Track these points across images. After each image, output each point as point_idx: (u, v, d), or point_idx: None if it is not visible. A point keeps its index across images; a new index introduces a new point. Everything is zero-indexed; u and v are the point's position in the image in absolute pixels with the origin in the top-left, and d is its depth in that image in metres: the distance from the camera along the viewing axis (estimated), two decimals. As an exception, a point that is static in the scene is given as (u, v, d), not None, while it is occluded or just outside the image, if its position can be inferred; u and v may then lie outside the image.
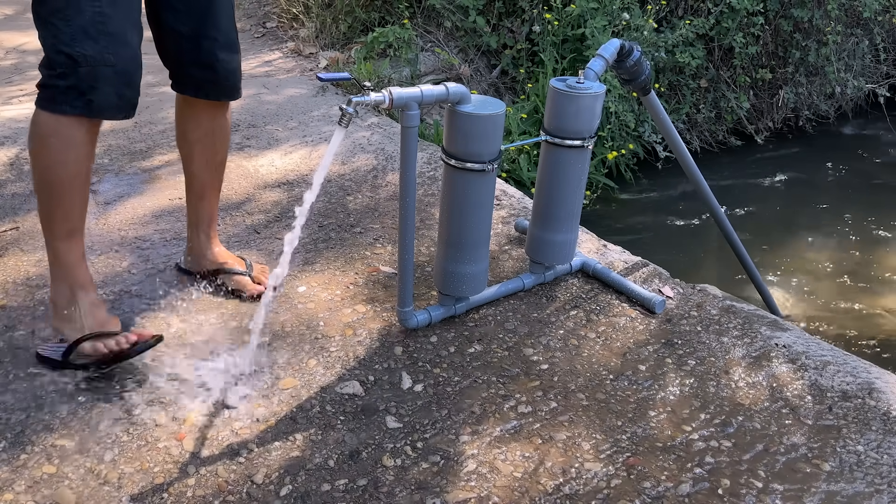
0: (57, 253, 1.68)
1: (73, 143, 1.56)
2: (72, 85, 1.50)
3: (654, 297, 1.98)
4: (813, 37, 4.91)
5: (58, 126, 1.55)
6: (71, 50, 1.48)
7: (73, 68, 1.49)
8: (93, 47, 1.49)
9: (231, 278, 1.97)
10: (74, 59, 1.48)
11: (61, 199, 1.62)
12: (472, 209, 1.80)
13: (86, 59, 1.49)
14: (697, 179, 2.46)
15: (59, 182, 1.60)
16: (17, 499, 1.38)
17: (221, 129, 1.88)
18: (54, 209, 1.64)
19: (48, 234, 1.68)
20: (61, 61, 1.49)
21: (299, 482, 1.44)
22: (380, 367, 1.75)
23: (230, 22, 1.78)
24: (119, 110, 1.57)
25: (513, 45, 4.45)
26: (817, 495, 1.42)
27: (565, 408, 1.64)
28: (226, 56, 1.77)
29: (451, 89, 1.67)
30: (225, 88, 1.81)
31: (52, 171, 1.60)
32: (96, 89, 1.51)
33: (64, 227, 1.65)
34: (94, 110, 1.53)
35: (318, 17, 4.65)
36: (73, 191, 1.62)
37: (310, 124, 3.32)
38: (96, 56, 1.49)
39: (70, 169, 1.59)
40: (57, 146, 1.56)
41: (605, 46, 2.00)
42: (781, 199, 4.34)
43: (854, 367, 1.76)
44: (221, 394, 1.64)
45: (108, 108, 1.55)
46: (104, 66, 1.50)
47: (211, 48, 1.74)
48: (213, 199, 1.96)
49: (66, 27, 1.48)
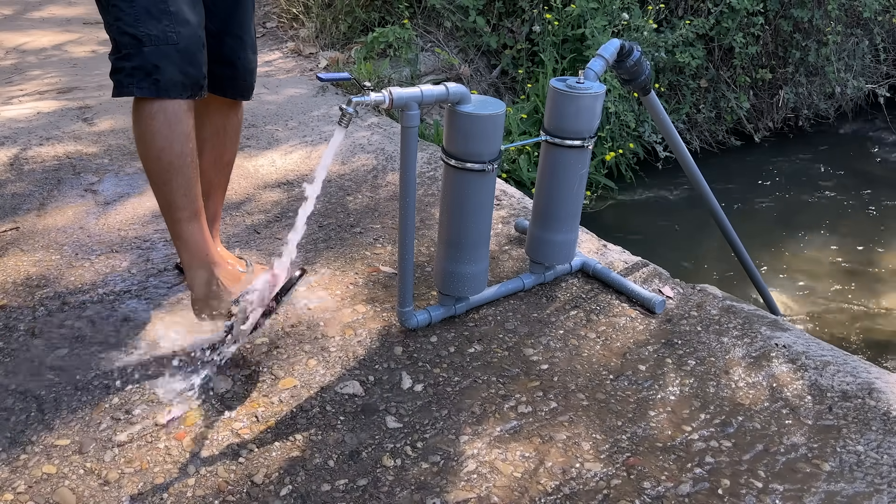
0: (184, 237, 1.65)
1: (178, 120, 1.56)
2: (138, 66, 1.51)
3: (654, 297, 1.98)
4: (813, 37, 4.91)
5: (153, 110, 1.54)
6: (135, 30, 1.49)
7: (139, 48, 1.50)
8: (156, 27, 1.50)
9: (231, 278, 1.97)
10: (139, 38, 1.50)
11: (172, 180, 1.59)
12: (472, 209, 1.80)
13: (150, 39, 1.50)
14: (697, 179, 2.46)
15: (167, 164, 1.58)
16: (17, 499, 1.38)
17: (232, 128, 1.90)
18: (172, 192, 1.61)
19: (170, 221, 1.65)
20: (126, 42, 1.50)
21: (299, 482, 1.44)
22: (380, 367, 1.75)
23: (252, 23, 1.82)
24: (185, 88, 1.56)
25: (513, 45, 4.45)
26: (817, 495, 1.42)
27: (565, 408, 1.64)
28: (247, 55, 1.81)
29: (451, 89, 1.67)
30: (241, 87, 1.84)
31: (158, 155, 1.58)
32: (161, 68, 1.51)
33: (187, 210, 1.63)
34: (162, 89, 1.53)
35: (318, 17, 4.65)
36: (185, 170, 1.60)
37: (310, 124, 3.32)
38: (160, 35, 1.50)
39: (176, 148, 1.57)
40: (158, 129, 1.55)
41: (605, 46, 2.00)
42: (781, 199, 4.34)
43: (854, 367, 1.76)
44: (222, 394, 1.64)
45: (174, 87, 1.54)
46: (167, 44, 1.51)
47: (234, 46, 1.77)
48: (219, 198, 1.97)
49: (130, 8, 1.49)
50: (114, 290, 2.00)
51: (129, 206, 2.47)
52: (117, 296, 1.98)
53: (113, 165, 2.79)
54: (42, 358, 1.73)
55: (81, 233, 2.29)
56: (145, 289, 2.01)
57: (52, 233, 2.28)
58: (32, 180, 2.64)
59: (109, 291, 1.99)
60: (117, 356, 1.74)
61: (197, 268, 1.67)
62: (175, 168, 1.58)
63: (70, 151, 2.89)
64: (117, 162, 2.82)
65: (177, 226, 1.64)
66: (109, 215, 2.41)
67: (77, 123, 3.18)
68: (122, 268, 2.11)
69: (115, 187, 2.61)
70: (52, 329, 1.82)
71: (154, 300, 1.96)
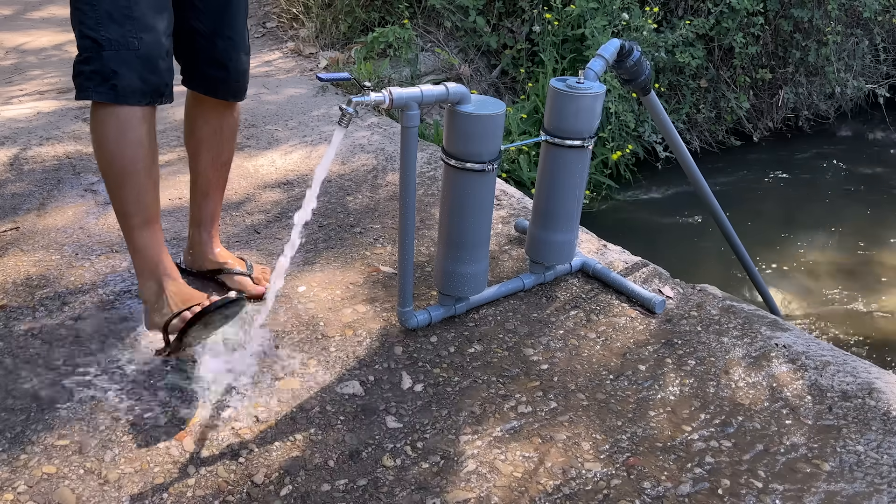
0: (136, 245, 1.64)
1: (130, 127, 1.54)
2: (96, 70, 1.50)
3: (654, 297, 1.98)
4: (813, 37, 4.91)
5: (105, 115, 1.53)
6: (96, 34, 1.48)
7: (98, 52, 1.49)
8: (117, 31, 1.48)
9: (231, 279, 1.98)
10: (99, 42, 1.48)
11: (123, 187, 1.58)
12: (472, 209, 1.80)
13: (110, 43, 1.48)
14: (697, 179, 2.46)
15: (119, 170, 1.57)
16: (17, 499, 1.38)
17: (229, 127, 1.89)
18: (123, 199, 1.60)
19: (123, 227, 1.64)
20: (87, 45, 1.49)
21: (299, 482, 1.44)
22: (380, 367, 1.75)
23: (244, 24, 1.81)
24: (144, 95, 1.54)
25: (513, 45, 4.45)
26: (817, 495, 1.42)
27: (565, 408, 1.64)
28: (239, 57, 1.80)
29: (451, 89, 1.67)
30: (234, 89, 1.83)
31: (110, 161, 1.57)
32: (119, 74, 1.50)
33: (138, 217, 1.62)
34: (120, 95, 1.51)
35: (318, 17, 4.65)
36: (136, 177, 1.58)
37: (310, 124, 3.32)
38: (120, 40, 1.49)
39: (128, 154, 1.56)
40: (109, 135, 1.55)
41: (605, 46, 2.00)
42: (781, 199, 4.34)
43: (854, 367, 1.76)
44: (222, 394, 1.64)
45: (132, 93, 1.53)
46: (127, 50, 1.50)
47: (226, 48, 1.76)
48: (218, 198, 1.96)
49: (92, 11, 1.48)
50: (114, 290, 2.00)
51: (129, 206, 2.47)
52: (117, 296, 1.98)
53: (113, 165, 2.79)
54: (42, 358, 1.73)
55: (81, 233, 2.29)
56: (145, 289, 2.01)
57: (52, 233, 2.28)
58: (32, 180, 2.64)
59: (109, 291, 1.99)
60: (117, 356, 1.74)
61: (147, 277, 1.66)
62: (127, 174, 1.58)
63: (70, 151, 2.89)
64: (117, 162, 2.82)
65: (129, 232, 1.64)
66: (109, 215, 2.41)
67: (77, 123, 3.18)
68: (122, 268, 2.11)
69: (115, 187, 2.61)
70: (52, 329, 1.82)
71: (154, 300, 1.96)
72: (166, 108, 3.36)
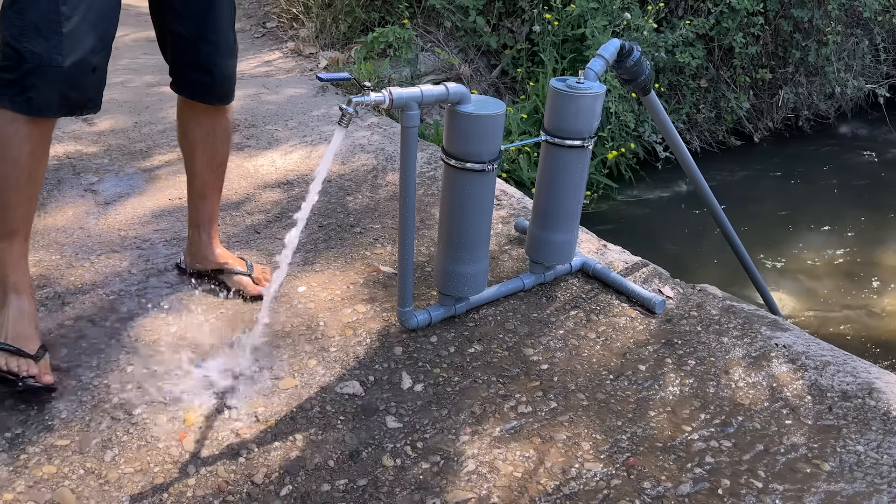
0: None
1: (13, 140, 1.49)
2: (14, 80, 1.44)
3: (654, 297, 1.98)
4: (813, 37, 4.91)
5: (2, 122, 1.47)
6: (18, 45, 1.42)
7: (18, 63, 1.43)
8: (41, 45, 1.42)
9: (232, 278, 1.98)
10: (21, 54, 1.42)
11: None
12: (472, 209, 1.80)
13: (32, 56, 1.42)
14: (697, 179, 2.46)
15: None
16: (17, 499, 1.38)
17: (222, 129, 1.88)
18: None
19: None
20: (8, 53, 1.43)
21: (299, 482, 1.44)
22: (380, 367, 1.75)
23: (229, 26, 1.76)
24: (61, 109, 1.49)
25: (513, 45, 4.45)
26: (817, 495, 1.42)
27: (565, 408, 1.64)
28: (223, 61, 1.76)
29: (451, 89, 1.67)
30: (220, 93, 1.80)
31: None
32: (37, 88, 1.44)
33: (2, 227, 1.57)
34: (35, 108, 1.46)
35: (318, 17, 4.65)
36: (9, 190, 1.53)
37: (310, 124, 3.32)
38: (43, 55, 1.42)
39: (4, 166, 1.50)
40: None
41: (605, 46, 2.00)
42: (781, 199, 4.34)
43: (854, 367, 1.76)
44: (222, 394, 1.64)
45: (48, 108, 1.47)
46: (50, 66, 1.43)
47: (209, 52, 1.73)
48: (215, 198, 1.96)
49: (19, 20, 1.43)
50: (114, 290, 2.00)
51: (129, 207, 2.47)
52: (117, 296, 1.98)
53: (113, 165, 2.79)
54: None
55: (81, 233, 2.29)
56: (145, 289, 2.01)
57: (52, 233, 2.28)
58: (32, 180, 2.64)
59: (109, 291, 1.99)
60: (117, 356, 1.74)
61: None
62: (2, 186, 1.52)
63: (70, 151, 2.89)
64: (117, 162, 2.82)
65: None
66: (109, 215, 2.41)
67: (77, 123, 3.18)
68: (122, 268, 2.11)
69: (115, 187, 2.61)
70: (52, 329, 1.82)
71: (154, 300, 1.96)
72: (167, 108, 3.38)
